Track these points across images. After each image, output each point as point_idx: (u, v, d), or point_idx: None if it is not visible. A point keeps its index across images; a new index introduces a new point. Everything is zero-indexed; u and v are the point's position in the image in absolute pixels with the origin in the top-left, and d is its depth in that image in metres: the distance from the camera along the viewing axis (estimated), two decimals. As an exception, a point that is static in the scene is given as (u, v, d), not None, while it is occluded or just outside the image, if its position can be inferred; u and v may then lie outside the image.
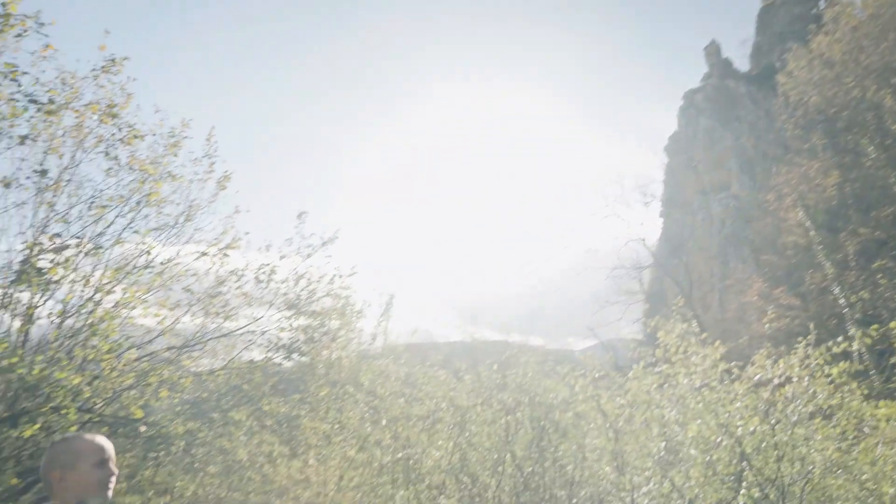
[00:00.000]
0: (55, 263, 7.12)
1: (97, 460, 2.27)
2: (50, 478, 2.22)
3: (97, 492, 2.26)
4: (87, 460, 2.26)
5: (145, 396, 8.43)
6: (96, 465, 2.26)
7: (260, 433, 5.76)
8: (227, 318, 9.05)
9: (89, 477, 2.24)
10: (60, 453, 2.25)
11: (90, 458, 2.27)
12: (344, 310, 11.12)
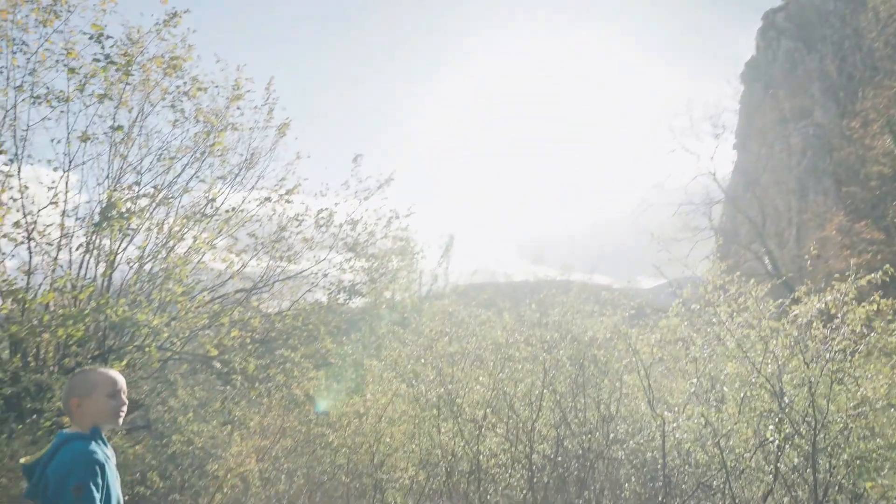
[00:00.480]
0: (130, 212, 7.60)
1: (111, 391, 2.55)
2: (70, 404, 2.52)
3: (110, 419, 2.55)
4: (101, 390, 2.54)
5: (219, 336, 9.03)
6: (110, 395, 2.54)
7: (316, 371, 6.13)
8: (290, 262, 9.46)
9: (103, 405, 2.52)
10: (79, 383, 2.55)
11: (104, 388, 2.55)
12: (403, 251, 11.37)
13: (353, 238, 9.77)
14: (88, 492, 2.31)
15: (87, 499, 2.30)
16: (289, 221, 9.20)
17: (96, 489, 2.34)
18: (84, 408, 2.50)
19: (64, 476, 2.32)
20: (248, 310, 9.43)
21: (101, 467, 2.40)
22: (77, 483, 2.30)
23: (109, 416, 2.54)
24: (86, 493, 2.30)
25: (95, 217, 7.47)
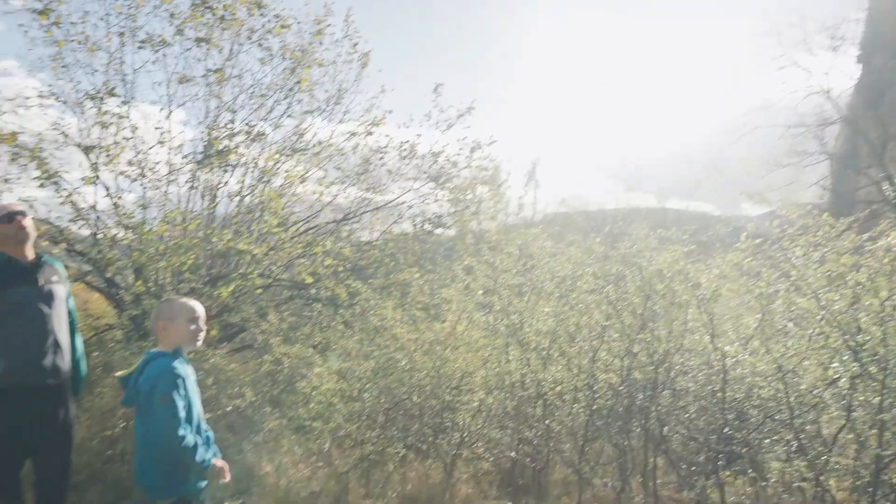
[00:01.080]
0: (227, 150, 8.10)
1: (191, 318, 2.92)
2: (156, 327, 2.92)
3: (189, 341, 2.93)
4: (183, 317, 2.91)
5: (313, 264, 9.61)
6: (189, 322, 2.91)
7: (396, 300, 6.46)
8: (376, 193, 9.81)
9: (184, 330, 2.90)
10: (165, 310, 2.93)
11: (186, 315, 2.92)
12: (487, 180, 11.41)
13: (435, 169, 9.94)
14: (172, 401, 2.70)
15: (171, 406, 2.70)
16: (373, 154, 9.47)
17: (179, 398, 2.73)
18: (168, 331, 2.89)
19: (151, 387, 2.72)
20: (339, 240, 9.94)
21: (183, 381, 2.79)
22: (163, 393, 2.69)
23: (189, 339, 2.91)
24: (170, 402, 2.70)
25: (198, 154, 8.04)
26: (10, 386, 3.60)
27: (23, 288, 3.66)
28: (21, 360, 3.63)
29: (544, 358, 4.42)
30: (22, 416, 3.63)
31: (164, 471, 2.78)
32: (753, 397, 3.70)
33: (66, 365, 3.91)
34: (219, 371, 4.86)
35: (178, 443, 2.70)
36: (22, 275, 3.71)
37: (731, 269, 3.83)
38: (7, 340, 3.63)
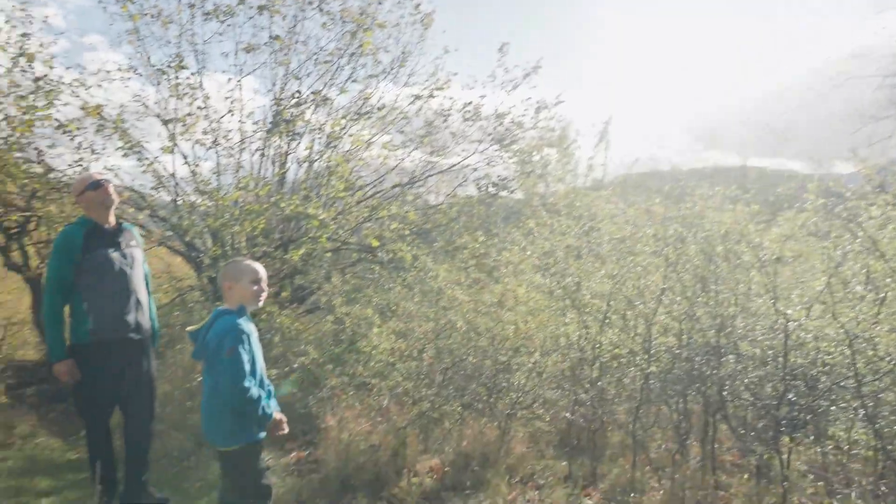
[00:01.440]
0: (294, 117, 8.31)
1: (254, 279, 3.08)
2: (223, 286, 3.09)
3: (252, 301, 3.10)
4: (247, 278, 3.07)
5: (380, 228, 9.81)
6: (253, 282, 3.07)
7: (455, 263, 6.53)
8: (441, 157, 9.82)
9: (247, 290, 3.05)
10: (231, 270, 3.10)
11: (249, 276, 3.08)
12: (553, 141, 11.21)
13: (500, 131, 9.83)
14: (238, 355, 2.88)
15: (237, 360, 2.87)
16: (436, 116, 9.46)
17: (244, 353, 2.91)
18: (233, 290, 3.06)
19: (219, 342, 2.90)
20: (405, 203, 10.07)
21: (247, 337, 2.96)
22: (230, 347, 2.87)
23: (252, 298, 3.08)
24: (236, 356, 2.87)
25: (267, 123, 8.29)
26: (100, 340, 3.94)
27: (108, 251, 3.97)
28: (108, 318, 3.95)
29: (600, 321, 4.38)
30: (110, 367, 3.97)
31: (229, 420, 2.98)
32: (818, 363, 3.55)
33: (147, 321, 4.23)
34: (285, 330, 5.11)
35: (243, 394, 2.88)
36: (106, 239, 4.02)
37: (798, 230, 3.65)
38: (95, 300, 3.96)
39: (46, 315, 3.93)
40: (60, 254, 3.88)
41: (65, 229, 4.03)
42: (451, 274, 5.14)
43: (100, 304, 3.94)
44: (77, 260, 3.85)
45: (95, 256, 3.90)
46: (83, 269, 3.87)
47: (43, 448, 5.29)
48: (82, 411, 4.09)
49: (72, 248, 3.86)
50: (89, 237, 3.92)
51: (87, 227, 3.97)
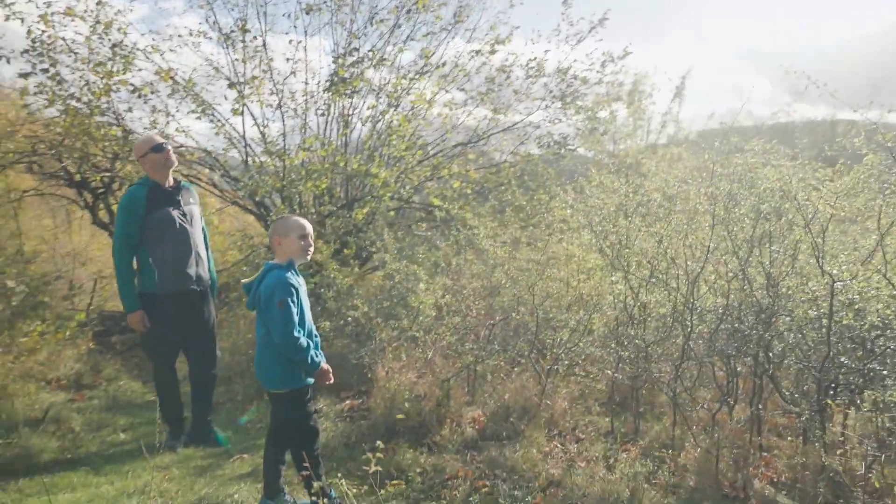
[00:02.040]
0: (353, 77, 8.43)
1: (301, 234, 3.24)
2: (273, 242, 3.26)
3: (300, 255, 3.27)
4: (295, 233, 3.22)
5: (441, 187, 9.89)
6: (300, 237, 3.22)
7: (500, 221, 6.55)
8: (501, 114, 9.73)
9: (296, 244, 3.22)
10: (280, 226, 3.26)
11: (297, 231, 3.23)
12: (621, 97, 10.88)
13: (563, 87, 9.62)
14: (287, 306, 3.06)
15: (286, 311, 3.06)
16: (497, 73, 9.34)
17: (293, 304, 3.09)
18: (283, 245, 3.24)
19: (270, 294, 3.09)
20: (466, 162, 10.08)
21: (296, 290, 3.14)
22: (280, 299, 3.05)
23: (300, 253, 3.25)
24: (286, 307, 3.06)
25: (325, 83, 8.46)
26: (164, 292, 4.26)
27: (169, 209, 4.25)
28: (171, 271, 4.26)
29: (644, 279, 4.34)
30: (174, 315, 4.29)
31: (280, 366, 3.18)
32: (866, 326, 3.40)
33: (206, 273, 4.53)
34: (340, 285, 5.33)
35: (293, 343, 3.07)
36: (167, 198, 4.30)
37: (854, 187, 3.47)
38: (158, 255, 4.27)
39: (117, 270, 4.27)
40: (126, 212, 4.19)
41: (129, 189, 4.34)
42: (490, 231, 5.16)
43: (163, 258, 4.24)
44: (141, 218, 4.14)
45: (158, 214, 4.19)
46: (147, 226, 4.17)
47: (125, 389, 5.80)
48: (150, 356, 4.46)
49: (136, 206, 4.16)
50: (151, 196, 4.21)
51: (149, 187, 4.25)
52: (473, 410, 4.69)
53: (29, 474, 3.68)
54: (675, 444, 4.15)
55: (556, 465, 3.82)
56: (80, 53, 7.65)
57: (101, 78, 7.71)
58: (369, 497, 3.60)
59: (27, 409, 4.47)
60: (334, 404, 5.12)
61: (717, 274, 4.21)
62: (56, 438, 4.23)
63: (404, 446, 4.17)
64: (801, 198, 3.46)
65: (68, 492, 3.40)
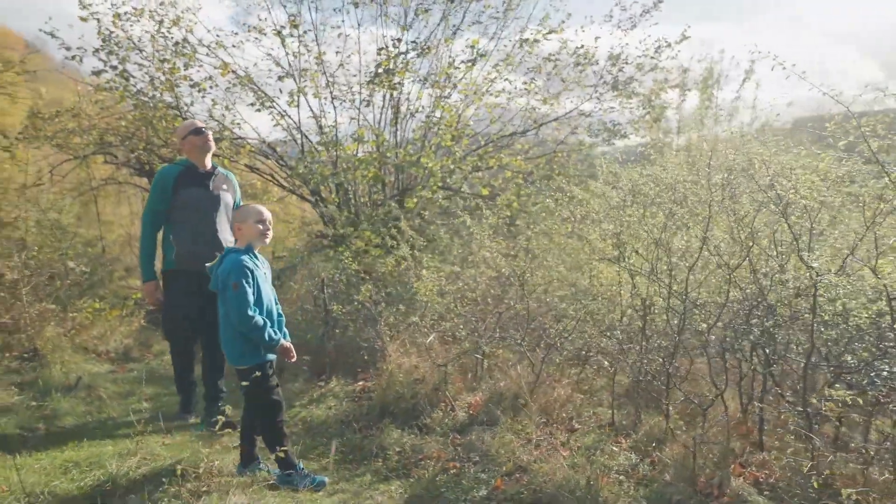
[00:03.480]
0: (396, 67, 8.60)
1: (258, 219, 3.41)
2: (234, 228, 3.43)
3: (258, 239, 3.44)
4: (252, 218, 3.38)
5: (489, 177, 9.92)
6: (257, 222, 3.38)
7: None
8: (552, 104, 9.62)
9: (253, 229, 3.37)
10: (240, 213, 3.44)
11: (253, 217, 3.40)
12: (680, 83, 10.48)
13: (614, 74, 9.39)
14: (242, 287, 3.25)
15: (241, 292, 3.25)
16: (546, 62, 9.24)
17: (248, 286, 3.27)
18: (242, 231, 3.44)
19: (226, 276, 3.29)
20: (514, 153, 10.05)
21: (251, 272, 3.32)
22: (234, 281, 3.25)
23: (257, 237, 3.43)
24: (240, 289, 3.25)
25: (369, 74, 8.68)
26: (180, 270, 4.48)
27: (196, 190, 4.43)
28: (188, 250, 4.44)
29: (643, 272, 4.25)
30: (189, 294, 4.46)
31: (240, 343, 3.39)
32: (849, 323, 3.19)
33: None
34: (348, 271, 5.52)
35: (247, 321, 3.27)
36: (198, 180, 4.48)
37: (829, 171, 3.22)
38: (180, 233, 4.49)
39: (141, 242, 4.53)
40: (155, 190, 4.44)
41: (161, 168, 4.57)
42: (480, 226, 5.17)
43: (183, 237, 4.45)
44: (169, 195, 4.38)
45: (184, 193, 4.39)
46: (173, 205, 4.40)
47: (166, 364, 6.25)
48: (165, 333, 4.70)
49: (165, 185, 4.39)
50: (182, 176, 4.41)
51: (182, 168, 4.46)
52: (472, 396, 4.76)
53: (49, 433, 4.10)
54: (667, 438, 4.06)
55: (531, 452, 3.83)
56: (145, 51, 8.24)
57: (165, 74, 8.28)
58: (342, 471, 3.78)
59: (63, 377, 4.95)
60: (348, 385, 5.33)
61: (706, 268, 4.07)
62: (84, 404, 4.66)
63: (390, 426, 4.31)
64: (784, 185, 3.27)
65: (73, 449, 3.77)
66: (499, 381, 4.70)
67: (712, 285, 4.08)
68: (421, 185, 9.25)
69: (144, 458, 3.49)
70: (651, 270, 4.22)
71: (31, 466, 3.43)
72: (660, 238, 4.12)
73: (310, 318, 6.07)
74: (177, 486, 3.06)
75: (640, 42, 9.39)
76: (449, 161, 9.15)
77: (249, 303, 3.29)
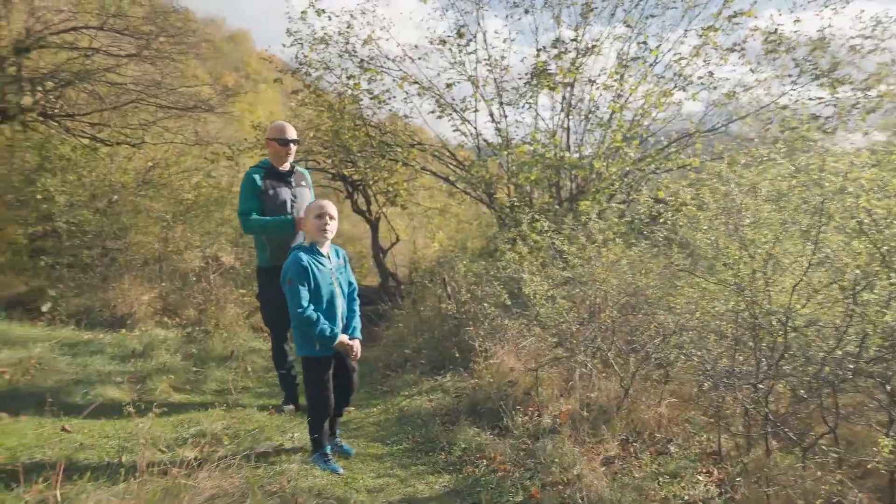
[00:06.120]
0: (560, 67, 8.53)
1: (317, 213, 3.64)
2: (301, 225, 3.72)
3: (317, 235, 3.66)
4: (311, 213, 3.67)
5: (663, 180, 9.30)
6: (317, 217, 3.63)
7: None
8: (736, 98, 8.73)
9: (312, 224, 3.65)
10: (305, 209, 3.79)
11: (314, 212, 3.67)
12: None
13: (814, 60, 8.20)
14: (294, 284, 3.52)
15: (293, 289, 3.53)
16: (727, 53, 8.42)
17: (300, 284, 3.52)
18: (305, 227, 3.75)
19: (284, 273, 3.61)
20: (694, 153, 9.28)
21: (305, 269, 3.54)
22: (289, 277, 3.55)
23: (316, 232, 3.66)
24: (293, 286, 3.53)
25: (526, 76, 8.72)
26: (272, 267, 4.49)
27: (281, 189, 4.63)
28: (279, 247, 4.55)
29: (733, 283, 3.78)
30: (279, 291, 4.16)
31: (297, 335, 3.68)
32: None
33: None
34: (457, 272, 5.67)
35: (298, 316, 3.53)
36: (280, 179, 4.68)
37: None
38: None
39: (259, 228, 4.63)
40: (245, 192, 4.64)
41: (248, 171, 4.76)
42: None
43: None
44: (257, 197, 4.58)
45: (271, 194, 4.60)
46: (264, 204, 4.59)
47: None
48: (266, 323, 4.99)
49: (253, 187, 4.61)
50: (267, 178, 4.64)
51: (266, 169, 4.69)
52: (565, 405, 4.62)
53: (193, 393, 4.94)
54: (765, 473, 3.55)
55: (588, 465, 3.64)
56: (335, 71, 9.29)
57: (349, 90, 9.25)
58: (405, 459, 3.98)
59: (222, 350, 5.85)
60: (460, 381, 5.46)
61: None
62: (233, 373, 5.46)
63: (466, 424, 4.38)
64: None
65: (191, 408, 4.48)
66: (590, 391, 4.50)
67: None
68: (594, 188, 9.06)
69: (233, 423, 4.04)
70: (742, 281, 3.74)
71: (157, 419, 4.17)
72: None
73: (434, 315, 6.35)
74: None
75: (853, 20, 8.04)
76: (621, 163, 8.83)
77: (301, 299, 3.50)
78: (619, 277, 4.66)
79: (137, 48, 7.90)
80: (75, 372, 4.70)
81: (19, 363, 4.58)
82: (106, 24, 7.96)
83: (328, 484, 3.42)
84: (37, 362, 4.64)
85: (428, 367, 5.89)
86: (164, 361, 5.39)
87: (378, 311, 7.90)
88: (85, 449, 3.49)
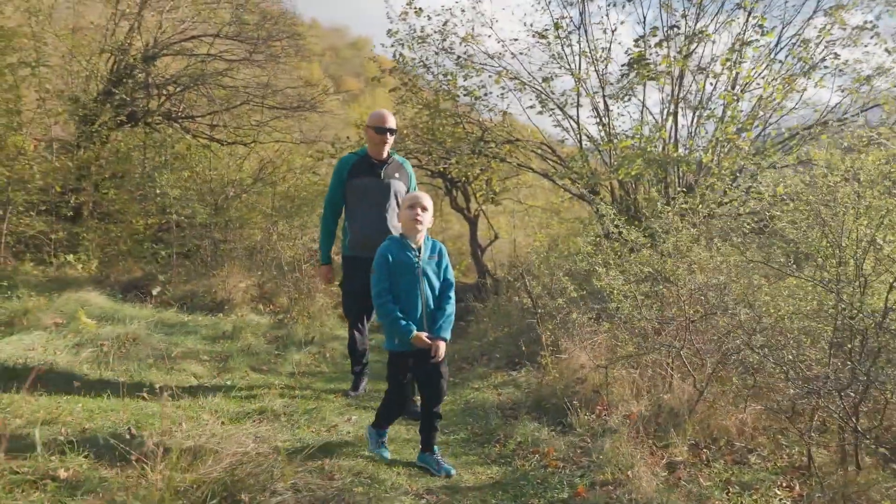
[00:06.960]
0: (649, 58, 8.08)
1: (409, 205, 3.49)
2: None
3: (408, 227, 3.52)
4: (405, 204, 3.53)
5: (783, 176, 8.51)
6: (409, 208, 3.48)
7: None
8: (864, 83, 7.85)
9: (404, 216, 3.53)
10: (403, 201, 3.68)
11: (407, 203, 3.53)
12: None
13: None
14: (375, 273, 3.46)
15: (374, 277, 3.46)
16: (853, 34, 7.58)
17: (380, 272, 3.44)
18: (400, 218, 3.65)
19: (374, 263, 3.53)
20: (821, 146, 8.42)
21: (387, 260, 3.43)
22: (372, 266, 3.51)
23: (408, 224, 3.52)
24: (374, 275, 3.46)
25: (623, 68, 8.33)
26: (354, 256, 4.57)
27: (367, 179, 4.57)
28: (360, 236, 4.58)
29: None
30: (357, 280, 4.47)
31: (384, 327, 3.57)
32: None
33: None
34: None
35: (376, 307, 3.47)
36: (370, 168, 4.61)
37: None
38: (353, 220, 4.64)
39: (321, 227, 4.80)
40: (334, 178, 4.69)
41: (341, 158, 4.78)
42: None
43: (356, 223, 4.63)
44: (343, 183, 4.60)
45: (356, 182, 4.57)
46: (348, 193, 4.61)
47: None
48: (344, 311, 4.98)
49: (341, 172, 4.62)
50: (357, 165, 4.60)
51: (358, 157, 4.65)
52: (637, 405, 4.33)
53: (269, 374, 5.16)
54: (838, 491, 3.13)
55: (643, 468, 3.37)
56: (432, 69, 9.40)
57: (447, 87, 9.32)
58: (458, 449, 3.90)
59: (304, 335, 6.06)
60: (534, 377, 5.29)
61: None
62: (311, 357, 5.66)
63: (526, 418, 4.22)
64: None
65: (263, 387, 4.65)
66: (664, 392, 4.19)
67: None
68: (703, 183, 8.52)
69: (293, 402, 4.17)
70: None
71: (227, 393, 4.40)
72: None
73: (514, 310, 6.21)
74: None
75: None
76: (735, 157, 8.24)
77: (379, 290, 3.41)
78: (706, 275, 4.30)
79: (247, 52, 8.41)
80: (165, 348, 5.04)
81: (117, 338, 4.99)
82: (221, 32, 8.53)
83: (369, 464, 3.42)
84: (132, 338, 5.04)
85: (503, 362, 5.77)
86: (250, 343, 5.67)
87: (467, 307, 7.88)
88: (155, 416, 3.72)
